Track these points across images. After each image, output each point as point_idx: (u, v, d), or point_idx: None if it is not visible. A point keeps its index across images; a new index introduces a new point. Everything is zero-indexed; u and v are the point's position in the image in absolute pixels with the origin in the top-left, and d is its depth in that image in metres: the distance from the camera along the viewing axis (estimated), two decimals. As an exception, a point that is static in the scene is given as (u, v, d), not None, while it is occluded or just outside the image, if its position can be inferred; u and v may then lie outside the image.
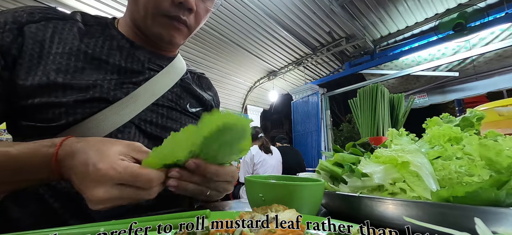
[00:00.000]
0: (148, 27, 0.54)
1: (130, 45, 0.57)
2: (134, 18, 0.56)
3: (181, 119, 0.61)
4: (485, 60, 3.36)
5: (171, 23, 0.54)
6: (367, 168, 0.40)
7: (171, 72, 0.61)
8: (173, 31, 0.55)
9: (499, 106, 1.06)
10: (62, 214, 0.45)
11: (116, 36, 0.56)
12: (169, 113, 0.58)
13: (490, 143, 0.33)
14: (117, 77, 0.52)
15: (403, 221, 0.26)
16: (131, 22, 0.57)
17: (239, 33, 3.70)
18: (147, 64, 0.57)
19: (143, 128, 0.53)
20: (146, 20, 0.54)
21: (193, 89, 0.67)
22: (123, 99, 0.50)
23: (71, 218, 0.45)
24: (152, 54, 0.59)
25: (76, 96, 0.46)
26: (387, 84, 4.17)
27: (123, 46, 0.56)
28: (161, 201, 0.55)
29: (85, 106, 0.47)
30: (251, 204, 0.39)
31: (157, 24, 0.54)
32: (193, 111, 0.65)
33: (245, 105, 5.69)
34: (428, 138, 0.43)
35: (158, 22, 0.54)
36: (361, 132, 1.12)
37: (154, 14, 0.53)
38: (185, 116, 0.62)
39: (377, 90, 1.04)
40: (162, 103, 0.57)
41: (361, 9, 3.26)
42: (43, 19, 0.49)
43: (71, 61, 0.48)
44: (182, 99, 0.63)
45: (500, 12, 2.87)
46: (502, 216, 0.24)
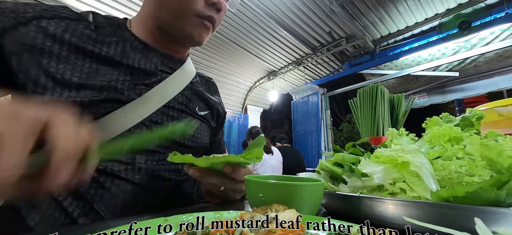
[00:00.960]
0: (180, 27, 0.56)
1: (143, 47, 0.57)
2: (159, 19, 0.57)
3: (191, 121, 0.62)
4: (485, 60, 3.36)
5: (203, 22, 0.56)
6: (367, 168, 0.40)
7: (182, 75, 0.62)
8: (204, 30, 0.57)
9: (499, 106, 1.06)
10: (72, 212, 0.45)
11: (128, 37, 0.57)
12: (179, 115, 0.59)
13: (491, 143, 0.33)
14: (130, 78, 0.52)
15: (403, 221, 0.26)
16: (152, 23, 0.58)
17: (239, 33, 3.70)
18: (160, 66, 0.58)
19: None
20: (177, 21, 0.55)
21: (202, 92, 0.68)
22: (135, 101, 0.51)
23: (80, 216, 0.45)
24: (164, 56, 0.60)
25: (90, 96, 0.46)
26: (387, 84, 4.16)
27: (136, 48, 0.56)
28: (173, 201, 0.57)
29: (99, 106, 0.47)
30: (251, 204, 0.39)
31: (189, 25, 0.55)
32: (202, 114, 0.65)
33: (245, 105, 5.69)
34: (428, 138, 0.43)
35: (191, 22, 0.55)
36: (361, 132, 1.12)
37: (187, 15, 0.54)
38: (194, 119, 0.63)
39: (377, 90, 1.04)
40: (173, 106, 0.58)
41: (361, 9, 3.26)
42: (56, 17, 0.50)
43: (86, 61, 0.49)
44: (192, 102, 0.64)
45: (500, 12, 2.87)
46: (502, 216, 0.24)
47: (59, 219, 0.44)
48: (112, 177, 0.48)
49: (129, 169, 0.50)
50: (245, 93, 5.55)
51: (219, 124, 0.76)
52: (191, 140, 0.61)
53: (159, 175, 0.54)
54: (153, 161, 0.53)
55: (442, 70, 3.69)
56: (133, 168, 0.50)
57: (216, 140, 0.77)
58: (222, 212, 0.32)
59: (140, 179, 0.51)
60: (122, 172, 0.49)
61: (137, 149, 0.37)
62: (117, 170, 0.48)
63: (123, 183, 0.49)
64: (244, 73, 4.91)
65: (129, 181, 0.49)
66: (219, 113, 0.74)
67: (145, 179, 0.51)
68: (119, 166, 0.49)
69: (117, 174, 0.48)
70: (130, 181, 0.49)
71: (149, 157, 0.53)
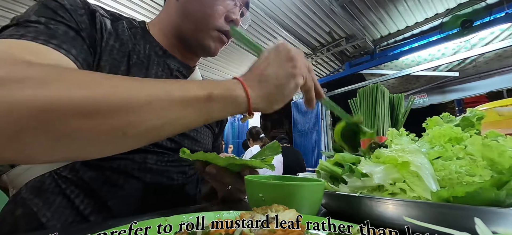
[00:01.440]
0: (199, 39, 0.59)
1: (163, 53, 0.59)
2: (179, 29, 0.59)
3: (198, 128, 0.63)
4: (485, 60, 3.36)
5: (220, 36, 0.59)
6: (367, 168, 0.40)
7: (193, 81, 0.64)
8: (219, 43, 0.61)
9: (499, 106, 1.06)
10: (83, 210, 0.45)
11: (152, 42, 0.58)
12: None
13: (493, 143, 0.32)
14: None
15: (403, 221, 0.26)
16: (172, 31, 0.60)
17: (239, 33, 3.70)
18: (175, 72, 0.60)
19: None
20: (197, 33, 0.58)
21: None
22: None
23: (92, 213, 0.45)
24: (180, 63, 0.62)
25: None
26: (387, 84, 4.16)
27: (157, 53, 0.58)
28: (179, 200, 0.58)
29: None
30: (251, 204, 0.39)
31: (208, 37, 0.58)
32: None
33: (245, 105, 5.69)
34: (428, 138, 0.43)
35: (210, 35, 0.58)
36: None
37: (208, 28, 0.57)
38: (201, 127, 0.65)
39: (377, 90, 1.04)
40: None
41: (361, 9, 3.26)
42: (104, 16, 0.51)
43: (124, 59, 0.50)
44: None
45: (500, 12, 2.87)
46: (502, 216, 0.24)
47: (70, 216, 0.44)
48: (125, 175, 0.49)
49: (142, 168, 0.51)
50: (245, 93, 5.55)
51: (220, 129, 0.78)
52: (196, 145, 0.63)
53: (168, 176, 0.55)
54: (163, 162, 0.55)
55: (442, 70, 3.69)
56: (145, 167, 0.51)
57: (217, 145, 0.79)
58: (222, 212, 0.32)
59: (151, 178, 0.52)
60: (135, 171, 0.50)
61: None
62: (130, 169, 0.49)
63: (135, 182, 0.50)
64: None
65: (140, 180, 0.50)
66: (222, 120, 0.76)
67: (155, 179, 0.53)
68: (132, 164, 0.50)
69: (130, 173, 0.49)
70: (141, 180, 0.51)
71: (159, 158, 0.54)
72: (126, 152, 0.49)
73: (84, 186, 0.46)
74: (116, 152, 0.33)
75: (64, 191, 0.45)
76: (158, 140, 0.35)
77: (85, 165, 0.46)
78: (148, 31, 0.60)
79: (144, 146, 0.51)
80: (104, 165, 0.47)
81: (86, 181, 0.45)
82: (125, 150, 0.33)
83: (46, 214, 0.43)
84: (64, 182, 0.45)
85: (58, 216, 0.44)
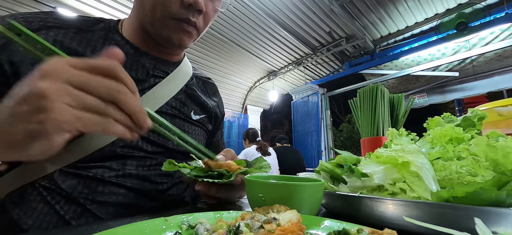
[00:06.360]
0: (157, 30, 0.53)
1: (135, 51, 0.56)
2: (141, 22, 0.55)
3: (185, 126, 0.61)
4: (485, 60, 3.36)
5: (180, 26, 0.53)
6: (367, 168, 0.40)
7: (176, 78, 0.60)
8: (183, 34, 0.54)
9: (499, 106, 1.06)
10: (64, 215, 0.44)
11: (119, 42, 0.55)
12: (172, 121, 0.58)
13: (498, 144, 0.32)
14: None
15: (403, 221, 0.26)
16: (138, 25, 0.56)
17: (239, 33, 3.70)
18: (152, 71, 0.56)
19: (146, 137, 0.53)
20: (154, 23, 0.53)
21: (198, 95, 0.66)
22: None
23: (73, 219, 0.45)
24: (157, 60, 0.58)
25: None
26: (387, 84, 4.16)
27: (127, 53, 0.54)
28: (166, 203, 0.56)
29: None
30: (251, 204, 0.39)
31: (166, 27, 0.53)
32: (196, 118, 0.64)
33: (245, 105, 5.69)
34: (430, 138, 0.43)
35: (167, 25, 0.52)
36: (361, 132, 1.12)
37: (163, 17, 0.52)
38: (188, 124, 0.62)
39: (377, 90, 1.04)
40: (165, 111, 0.57)
41: (361, 9, 3.26)
42: (43, 28, 0.48)
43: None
44: (186, 106, 0.62)
45: (500, 12, 2.87)
46: (502, 216, 0.24)
47: (51, 221, 0.44)
48: (103, 183, 0.47)
49: (120, 175, 0.49)
50: (245, 93, 5.55)
51: (216, 126, 0.75)
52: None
53: (151, 180, 0.53)
54: (144, 167, 0.53)
55: (442, 70, 3.69)
56: (124, 174, 0.49)
57: (214, 142, 0.76)
58: (222, 212, 0.32)
59: (132, 183, 0.50)
60: (113, 178, 0.48)
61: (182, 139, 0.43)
62: (107, 177, 0.48)
63: (115, 188, 0.48)
64: (244, 73, 4.91)
65: (120, 185, 0.49)
66: (216, 116, 0.73)
67: (136, 184, 0.51)
68: (109, 172, 0.48)
69: (108, 180, 0.48)
70: (122, 185, 0.49)
71: (140, 163, 0.52)
72: (103, 159, 0.48)
73: (63, 194, 0.45)
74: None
75: (45, 198, 0.44)
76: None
77: (63, 175, 0.45)
78: (119, 30, 0.56)
79: (122, 151, 0.49)
80: (81, 174, 0.46)
81: (64, 189, 0.45)
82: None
83: (28, 221, 0.43)
84: (45, 190, 0.45)
85: (40, 223, 0.43)
